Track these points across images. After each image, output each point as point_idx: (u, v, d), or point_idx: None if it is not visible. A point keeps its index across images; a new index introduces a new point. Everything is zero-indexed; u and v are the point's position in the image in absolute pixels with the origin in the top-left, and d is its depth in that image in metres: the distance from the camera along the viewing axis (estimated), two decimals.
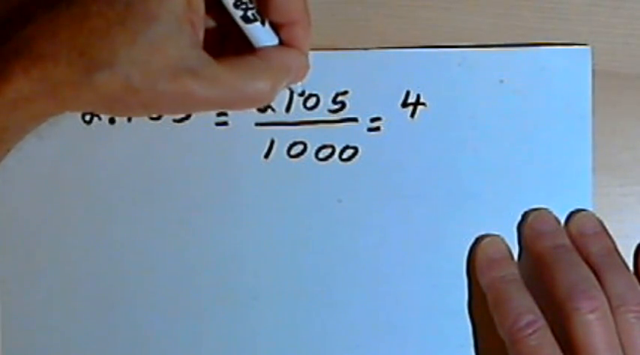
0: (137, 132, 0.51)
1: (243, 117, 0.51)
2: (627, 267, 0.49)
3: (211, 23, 0.47)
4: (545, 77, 0.51)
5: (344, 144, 0.51)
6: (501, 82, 0.51)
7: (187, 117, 0.51)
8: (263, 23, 0.46)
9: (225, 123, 0.51)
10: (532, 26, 0.51)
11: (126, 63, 0.42)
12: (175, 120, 0.51)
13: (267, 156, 0.51)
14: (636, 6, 0.51)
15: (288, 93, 0.50)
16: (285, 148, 0.51)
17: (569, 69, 0.51)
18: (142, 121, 0.51)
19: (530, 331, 0.46)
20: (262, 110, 0.51)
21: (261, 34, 0.46)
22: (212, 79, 0.44)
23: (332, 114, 0.51)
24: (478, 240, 0.51)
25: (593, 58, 0.51)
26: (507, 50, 0.51)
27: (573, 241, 0.49)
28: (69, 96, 0.43)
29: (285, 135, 0.51)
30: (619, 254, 0.49)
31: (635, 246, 0.51)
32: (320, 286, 0.51)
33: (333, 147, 0.51)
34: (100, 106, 0.44)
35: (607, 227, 0.50)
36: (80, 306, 0.51)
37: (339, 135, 0.51)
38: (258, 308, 0.51)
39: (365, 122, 0.51)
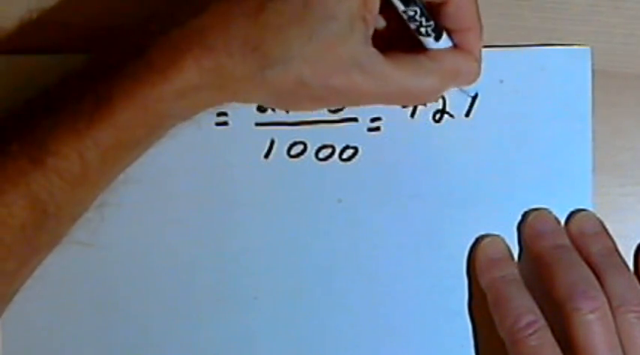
0: None
1: (243, 117, 0.51)
2: (627, 267, 0.49)
3: (382, 21, 0.48)
4: (545, 77, 0.51)
5: (344, 144, 0.51)
6: (501, 82, 0.51)
7: None
8: (437, 39, 0.47)
9: (225, 123, 0.51)
10: (532, 26, 0.51)
11: (299, 60, 0.43)
12: None
13: (267, 156, 0.51)
14: (636, 6, 0.51)
15: None
16: (285, 148, 0.51)
17: (569, 69, 0.51)
18: None
19: (530, 331, 0.46)
20: (262, 110, 0.51)
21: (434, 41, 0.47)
22: (380, 75, 0.45)
23: (332, 114, 0.51)
24: (478, 240, 0.51)
25: (593, 58, 0.51)
26: (507, 50, 0.51)
27: (573, 241, 0.50)
28: (239, 89, 0.44)
29: (285, 135, 0.51)
30: (619, 254, 0.49)
31: (635, 246, 0.51)
32: (320, 286, 0.51)
33: (333, 147, 0.51)
34: (270, 100, 0.46)
35: (607, 227, 0.50)
36: (80, 306, 0.51)
37: (339, 135, 0.51)
38: (258, 308, 0.51)
39: (365, 122, 0.51)
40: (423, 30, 0.46)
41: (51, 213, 0.43)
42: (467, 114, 0.51)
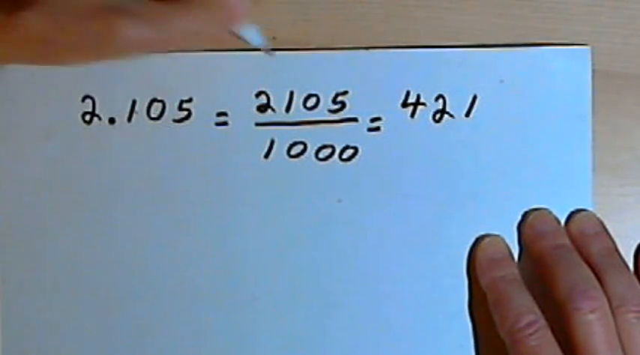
0: (137, 132, 0.51)
1: (243, 117, 0.51)
2: (627, 267, 0.49)
3: None
4: (545, 77, 0.51)
5: (344, 144, 0.51)
6: (501, 82, 0.51)
7: (187, 117, 0.51)
8: None
9: (225, 123, 0.51)
10: (532, 26, 0.51)
11: (51, 1, 0.40)
12: (175, 120, 0.51)
13: (267, 156, 0.51)
14: (636, 6, 0.51)
15: (288, 94, 0.50)
16: (285, 148, 0.51)
17: (569, 69, 0.51)
18: (142, 121, 0.51)
19: (530, 331, 0.46)
20: (262, 110, 0.51)
21: None
22: (141, 15, 0.41)
23: (332, 114, 0.51)
24: (478, 240, 0.51)
25: (593, 58, 0.51)
26: (507, 50, 0.51)
27: (573, 241, 0.49)
28: None
29: (285, 135, 0.51)
30: (619, 254, 0.49)
31: (635, 246, 0.51)
32: (320, 286, 0.51)
33: (333, 147, 0.51)
34: (27, 51, 0.42)
35: (607, 227, 0.50)
36: (80, 306, 0.51)
37: (339, 135, 0.51)
38: (258, 308, 0.51)
39: (365, 122, 0.51)
40: None
41: None
42: (467, 114, 0.51)
